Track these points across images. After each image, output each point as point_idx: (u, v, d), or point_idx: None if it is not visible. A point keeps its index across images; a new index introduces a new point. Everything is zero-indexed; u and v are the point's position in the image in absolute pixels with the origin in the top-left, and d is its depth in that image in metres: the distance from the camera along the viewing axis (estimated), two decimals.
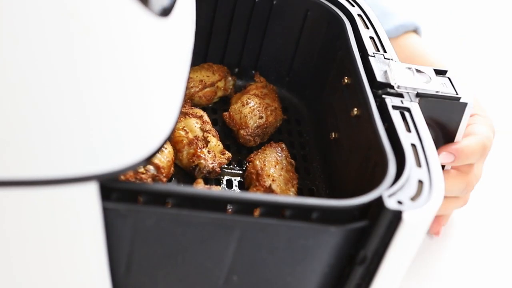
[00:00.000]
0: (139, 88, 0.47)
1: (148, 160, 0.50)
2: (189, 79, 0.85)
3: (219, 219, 0.55)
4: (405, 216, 0.55)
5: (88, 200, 0.49)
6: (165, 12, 0.48)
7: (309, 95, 0.91)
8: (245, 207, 0.55)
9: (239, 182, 0.78)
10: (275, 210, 0.56)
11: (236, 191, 0.76)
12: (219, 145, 0.77)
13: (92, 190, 0.49)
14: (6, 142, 0.44)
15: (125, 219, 0.54)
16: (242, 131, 0.81)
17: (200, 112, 0.80)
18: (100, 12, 0.43)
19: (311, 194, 0.78)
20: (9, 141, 0.44)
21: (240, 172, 0.79)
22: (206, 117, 0.80)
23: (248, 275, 0.60)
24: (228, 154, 0.77)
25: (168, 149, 0.73)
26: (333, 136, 0.79)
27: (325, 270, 0.60)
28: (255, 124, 0.81)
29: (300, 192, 0.78)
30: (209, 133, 0.77)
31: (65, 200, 0.48)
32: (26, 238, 0.50)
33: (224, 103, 0.89)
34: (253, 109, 0.82)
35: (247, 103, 0.83)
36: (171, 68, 0.52)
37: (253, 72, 0.92)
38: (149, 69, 0.48)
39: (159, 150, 0.51)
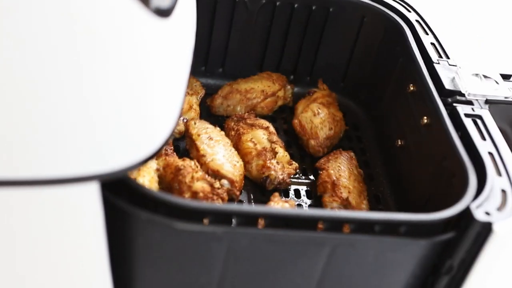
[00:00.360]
0: (140, 91, 0.47)
1: (148, 160, 0.50)
2: (251, 90, 0.85)
3: (310, 237, 0.55)
4: (495, 227, 0.55)
5: (90, 199, 0.50)
6: (166, 13, 0.48)
7: (366, 100, 0.91)
8: (336, 225, 0.56)
9: (306, 191, 0.78)
10: (364, 226, 0.56)
11: (304, 201, 0.77)
12: (286, 155, 0.78)
13: (93, 190, 0.49)
14: (13, 143, 0.44)
15: (220, 241, 0.54)
16: (312, 141, 0.81)
17: (266, 123, 0.81)
18: (103, 15, 0.43)
19: (377, 200, 0.79)
20: (16, 142, 0.44)
21: (306, 181, 0.79)
22: (272, 128, 0.80)
23: None
24: (295, 164, 0.77)
25: (240, 163, 0.74)
26: (399, 143, 0.79)
27: (410, 281, 0.61)
28: (325, 135, 0.82)
29: None
30: (276, 144, 0.78)
31: (68, 199, 0.49)
32: (31, 235, 0.51)
33: (282, 111, 0.90)
34: (323, 120, 0.82)
35: (318, 113, 0.82)
36: (172, 69, 0.52)
37: (308, 78, 0.92)
38: (151, 71, 0.48)
39: (160, 150, 0.51)
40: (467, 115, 0.67)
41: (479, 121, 0.67)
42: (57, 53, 0.42)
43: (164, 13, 0.48)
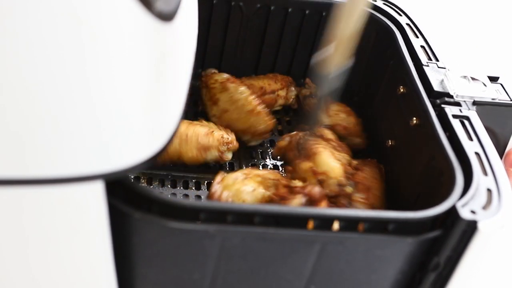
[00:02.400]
0: (144, 92, 0.47)
1: (152, 160, 0.50)
2: (250, 86, 0.86)
3: (301, 235, 0.55)
4: (480, 226, 0.55)
5: (95, 198, 0.50)
6: (169, 17, 0.49)
7: (358, 101, 0.91)
8: (325, 223, 0.56)
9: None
10: (353, 224, 0.56)
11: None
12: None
13: (98, 188, 0.49)
14: (24, 143, 0.45)
15: (213, 239, 0.54)
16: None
17: None
18: (108, 19, 0.43)
19: None
20: (27, 142, 0.45)
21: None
22: None
23: (326, 285, 0.60)
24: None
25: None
26: (390, 143, 0.79)
27: (398, 277, 0.61)
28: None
29: None
30: None
31: (75, 197, 0.49)
32: (40, 233, 0.51)
33: (286, 113, 0.91)
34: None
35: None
36: (175, 72, 0.52)
37: (302, 80, 0.92)
38: (154, 74, 0.48)
39: (162, 151, 0.51)
40: (455, 116, 0.67)
41: (466, 122, 0.67)
42: (64, 55, 0.42)
43: (167, 17, 0.48)
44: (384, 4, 0.86)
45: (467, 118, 0.67)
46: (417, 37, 0.80)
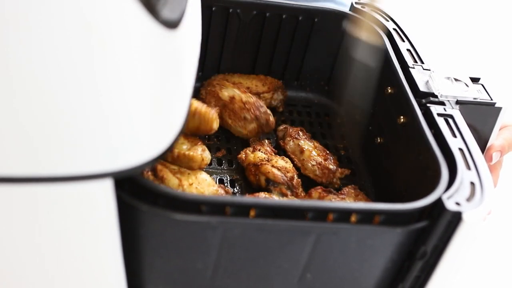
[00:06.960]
0: (150, 95, 0.47)
1: (157, 160, 0.50)
2: (238, 84, 0.86)
3: (297, 226, 0.56)
4: (465, 217, 0.55)
5: (104, 193, 0.50)
6: (174, 24, 0.49)
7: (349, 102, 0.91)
8: (321, 214, 0.56)
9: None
10: (346, 215, 0.56)
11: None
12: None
13: (107, 184, 0.49)
14: (35, 143, 0.45)
15: (215, 230, 0.54)
16: None
17: None
18: (116, 26, 0.43)
19: None
20: (38, 141, 0.45)
21: None
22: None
23: (321, 273, 0.60)
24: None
25: None
26: (379, 140, 0.79)
27: (388, 265, 0.61)
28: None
29: None
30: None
31: (85, 193, 0.49)
32: (52, 227, 0.51)
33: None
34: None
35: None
36: (180, 76, 0.52)
37: (296, 83, 0.92)
38: (160, 78, 0.48)
39: (167, 151, 0.51)
40: (439, 115, 0.68)
41: (450, 120, 0.67)
42: (75, 60, 0.42)
43: (172, 24, 0.48)
44: (371, 10, 0.86)
45: (451, 117, 0.67)
46: (403, 41, 0.80)
